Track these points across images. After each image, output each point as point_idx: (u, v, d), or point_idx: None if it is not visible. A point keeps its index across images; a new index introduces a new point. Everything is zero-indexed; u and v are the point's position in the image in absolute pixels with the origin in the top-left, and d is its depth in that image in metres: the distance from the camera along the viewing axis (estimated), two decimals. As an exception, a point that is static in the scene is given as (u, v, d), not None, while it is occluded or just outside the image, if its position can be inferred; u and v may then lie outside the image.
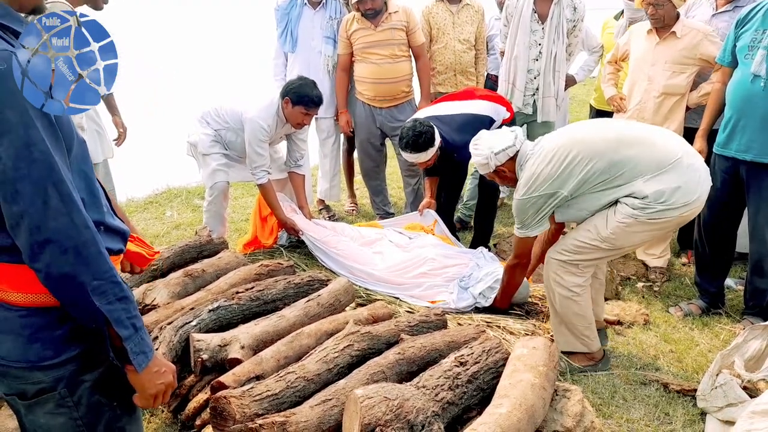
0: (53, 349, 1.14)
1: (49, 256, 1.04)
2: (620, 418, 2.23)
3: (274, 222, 3.66)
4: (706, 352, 2.71)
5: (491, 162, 2.58)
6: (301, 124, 3.46)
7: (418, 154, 3.26)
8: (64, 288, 1.08)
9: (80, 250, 1.06)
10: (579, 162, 2.34)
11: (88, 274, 1.07)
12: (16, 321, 1.12)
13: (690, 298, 3.21)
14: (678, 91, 3.23)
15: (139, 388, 1.20)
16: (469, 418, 1.98)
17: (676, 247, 3.81)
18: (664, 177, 2.28)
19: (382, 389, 1.80)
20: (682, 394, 2.37)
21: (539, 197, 2.43)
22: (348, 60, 3.98)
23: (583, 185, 2.37)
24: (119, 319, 1.12)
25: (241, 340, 2.18)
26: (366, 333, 2.21)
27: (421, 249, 3.34)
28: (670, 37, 3.19)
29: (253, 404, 1.82)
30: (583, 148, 2.35)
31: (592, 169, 2.34)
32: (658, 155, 2.31)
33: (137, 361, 1.15)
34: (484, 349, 2.13)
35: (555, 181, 2.38)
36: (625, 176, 2.32)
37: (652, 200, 2.27)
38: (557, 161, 2.37)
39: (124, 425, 1.26)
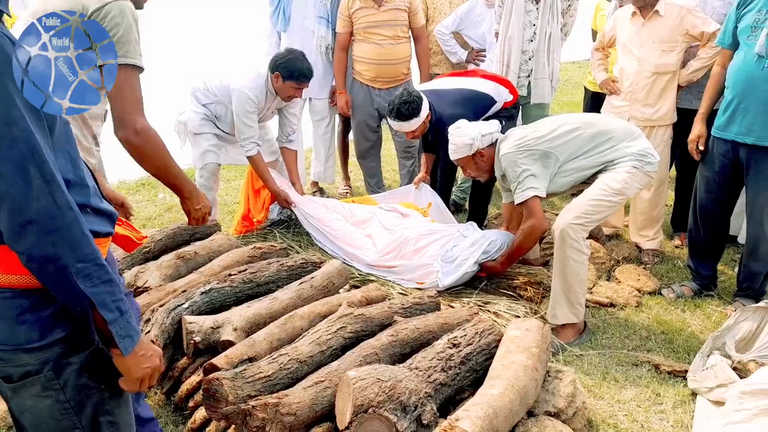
0: (39, 332, 1.12)
1: (31, 237, 1.01)
2: (612, 399, 2.25)
3: (267, 195, 3.61)
4: (698, 333, 2.73)
5: (476, 143, 2.75)
6: (292, 97, 3.40)
7: (401, 122, 3.23)
8: (47, 271, 1.05)
9: (63, 232, 1.03)
10: (566, 128, 2.64)
11: (72, 256, 1.05)
12: (1, 303, 1.10)
13: (682, 280, 3.22)
14: (669, 70, 3.22)
15: (125, 372, 1.19)
16: (461, 399, 1.99)
17: (669, 230, 3.82)
18: (635, 142, 2.68)
19: (374, 371, 1.81)
20: (673, 375, 2.39)
21: (532, 152, 2.62)
22: (347, 39, 3.88)
23: (574, 151, 2.63)
24: (104, 303, 1.10)
25: (233, 322, 2.17)
26: (359, 315, 2.21)
27: (405, 230, 3.29)
28: (655, 17, 3.17)
29: (246, 386, 1.82)
30: (565, 121, 2.68)
31: (580, 135, 2.63)
32: (626, 127, 2.75)
33: (123, 344, 1.14)
34: (477, 331, 2.13)
35: (545, 141, 2.62)
36: (610, 141, 2.64)
37: (640, 155, 2.61)
38: (544, 128, 2.66)
39: (112, 408, 1.24)
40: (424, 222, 3.42)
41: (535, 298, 2.90)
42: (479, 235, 3.09)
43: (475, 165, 2.84)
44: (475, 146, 2.76)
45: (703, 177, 2.96)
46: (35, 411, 1.17)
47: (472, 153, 2.78)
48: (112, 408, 1.25)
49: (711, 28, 3.08)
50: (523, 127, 2.79)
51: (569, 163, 2.68)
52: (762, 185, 2.71)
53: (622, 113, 3.33)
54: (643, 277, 3.18)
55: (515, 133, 2.75)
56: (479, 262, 2.96)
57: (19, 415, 1.22)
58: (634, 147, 2.64)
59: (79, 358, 1.17)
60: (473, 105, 3.37)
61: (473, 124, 2.84)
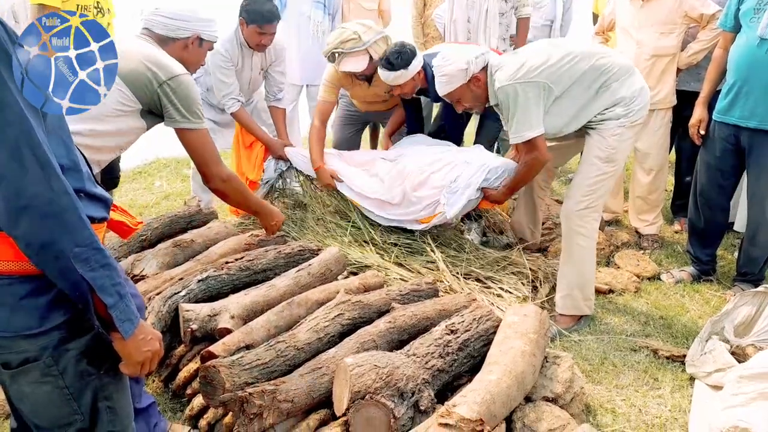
0: (38, 318, 1.11)
1: (28, 222, 1.01)
2: (610, 384, 2.25)
3: (260, 151, 3.46)
4: (696, 318, 2.72)
5: (471, 66, 2.49)
6: (261, 45, 3.18)
7: (389, 72, 2.97)
8: (45, 256, 1.05)
9: (60, 216, 1.03)
10: (564, 58, 2.44)
11: (70, 240, 1.04)
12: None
13: (682, 265, 3.21)
14: (668, 52, 3.18)
15: (126, 356, 1.19)
16: (459, 385, 1.99)
17: (669, 215, 3.80)
18: (631, 79, 2.50)
19: (371, 357, 1.80)
20: (671, 360, 2.39)
21: (530, 84, 2.41)
22: (330, 109, 3.45)
23: (568, 85, 2.45)
24: (103, 287, 1.09)
25: (230, 310, 2.16)
26: (357, 302, 2.20)
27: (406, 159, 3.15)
28: None
29: (243, 373, 1.81)
30: (565, 50, 2.47)
31: (577, 66, 2.44)
32: (621, 61, 2.54)
33: (123, 328, 1.13)
34: (475, 317, 2.13)
35: (544, 71, 2.41)
36: (604, 79, 2.46)
37: (629, 101, 2.47)
38: (544, 54, 2.45)
39: (110, 393, 1.24)
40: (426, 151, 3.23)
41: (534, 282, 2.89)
42: (481, 161, 2.98)
43: (471, 94, 2.58)
44: (470, 70, 2.50)
45: (704, 162, 2.94)
46: (34, 397, 1.17)
47: (468, 79, 2.52)
48: (111, 393, 1.25)
49: (710, 10, 3.04)
50: (517, 54, 2.58)
51: (561, 100, 2.49)
52: (764, 169, 2.69)
53: None
54: (643, 263, 3.17)
55: (509, 61, 2.52)
56: (481, 188, 2.91)
57: (18, 402, 1.22)
58: (625, 87, 2.48)
59: (78, 344, 1.16)
60: None
61: (455, 51, 2.59)
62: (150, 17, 2.05)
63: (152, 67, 1.87)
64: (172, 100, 1.90)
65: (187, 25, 2.08)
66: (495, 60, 2.57)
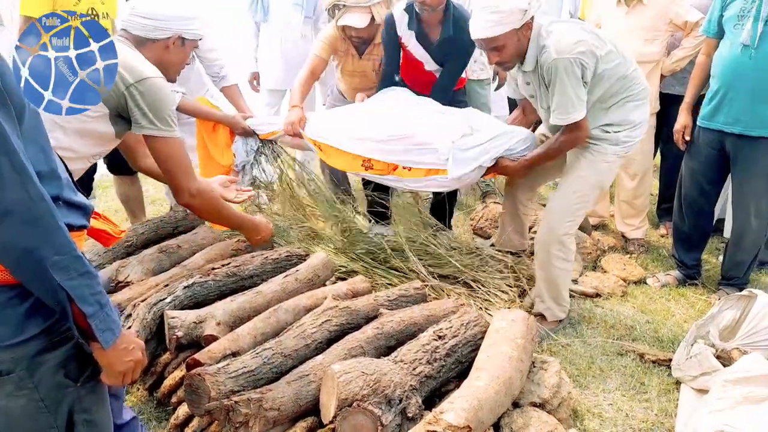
0: (13, 328, 1.08)
1: (7, 229, 0.99)
2: (597, 389, 2.26)
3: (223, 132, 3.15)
4: (682, 322, 2.74)
5: (531, 9, 2.16)
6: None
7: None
8: (24, 264, 1.03)
9: (39, 223, 1.01)
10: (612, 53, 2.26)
11: (48, 248, 1.02)
12: None
13: (667, 269, 3.24)
14: (652, 59, 3.21)
15: (107, 366, 1.17)
16: (447, 390, 1.98)
17: (655, 219, 3.84)
18: (642, 108, 2.42)
19: (359, 364, 1.79)
20: (657, 364, 2.40)
21: (579, 62, 2.18)
22: (321, 65, 3.22)
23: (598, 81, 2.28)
24: (82, 296, 1.07)
25: (216, 316, 2.14)
26: (344, 308, 2.19)
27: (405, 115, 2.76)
28: (638, 6, 3.17)
29: (229, 381, 1.79)
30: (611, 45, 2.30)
31: (617, 68, 2.28)
32: (645, 83, 2.42)
33: (103, 338, 1.11)
34: (463, 323, 2.12)
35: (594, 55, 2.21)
36: (625, 95, 2.34)
37: (634, 128, 2.39)
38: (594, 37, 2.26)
39: (89, 405, 1.22)
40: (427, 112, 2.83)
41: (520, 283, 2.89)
42: (502, 129, 2.65)
43: (517, 44, 2.21)
44: (529, 14, 2.15)
45: (689, 167, 2.97)
46: (8, 410, 1.14)
47: (521, 25, 2.17)
48: (89, 406, 1.22)
49: (694, 18, 3.08)
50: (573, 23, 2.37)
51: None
52: (748, 175, 2.72)
53: None
54: (629, 267, 3.19)
55: (562, 28, 2.25)
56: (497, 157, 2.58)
57: None
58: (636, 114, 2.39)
59: (55, 356, 1.14)
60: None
61: None
62: (127, 18, 1.91)
63: (119, 69, 1.68)
64: (139, 104, 1.77)
65: (166, 24, 1.94)
66: (543, 21, 2.28)
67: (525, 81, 2.42)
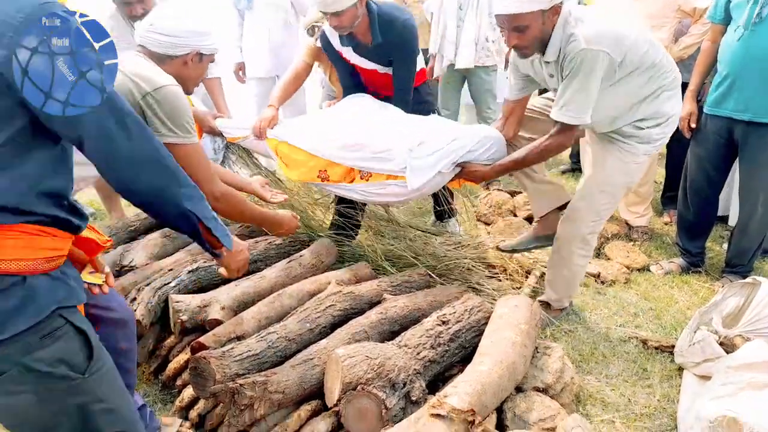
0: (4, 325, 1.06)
1: (147, 174, 1.20)
2: (599, 374, 2.26)
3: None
4: (685, 309, 2.74)
5: None
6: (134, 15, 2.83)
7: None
8: (164, 199, 1.24)
9: (167, 166, 1.23)
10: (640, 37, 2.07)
11: (177, 183, 1.25)
12: None
13: (671, 256, 3.23)
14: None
15: (227, 266, 1.59)
16: (451, 375, 1.99)
17: (659, 207, 3.82)
18: (675, 98, 2.22)
19: (363, 348, 1.80)
20: (660, 350, 2.40)
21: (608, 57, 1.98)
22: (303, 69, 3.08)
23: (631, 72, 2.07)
24: (206, 215, 1.32)
25: (221, 301, 2.15)
26: (348, 293, 2.19)
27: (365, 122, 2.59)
28: None
29: (234, 364, 1.80)
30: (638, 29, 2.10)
31: (647, 56, 2.07)
32: (677, 71, 2.21)
33: (227, 242, 1.41)
34: (467, 308, 2.13)
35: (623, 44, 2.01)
36: (661, 80, 2.13)
37: (667, 123, 2.21)
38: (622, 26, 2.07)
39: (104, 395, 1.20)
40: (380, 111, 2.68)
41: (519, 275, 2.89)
42: (461, 130, 2.45)
43: (541, 27, 2.01)
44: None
45: (695, 155, 2.95)
46: (11, 408, 1.12)
47: (550, 7, 1.97)
48: (104, 395, 1.21)
49: (703, 4, 3.04)
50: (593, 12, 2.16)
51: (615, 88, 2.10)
52: (757, 162, 2.70)
53: None
54: (633, 254, 3.19)
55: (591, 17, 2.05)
56: (459, 163, 2.34)
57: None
58: (670, 105, 2.19)
59: (50, 351, 1.11)
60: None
61: None
62: (144, 34, 1.89)
63: (135, 79, 1.75)
64: (156, 112, 1.76)
65: (184, 41, 1.90)
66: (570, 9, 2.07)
67: (548, 73, 2.18)
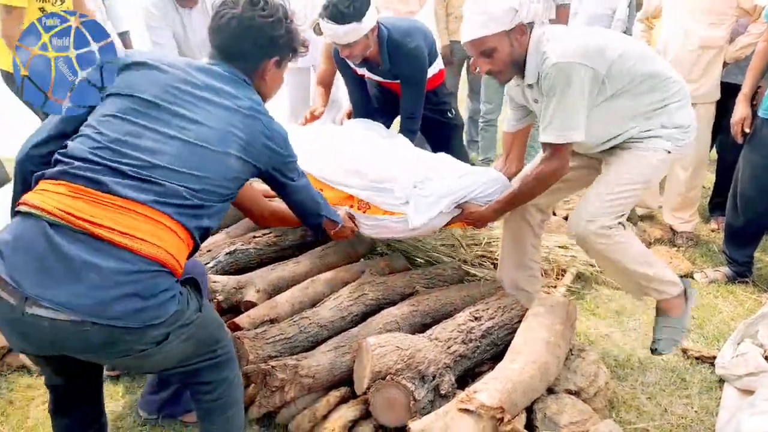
0: (165, 309, 1.21)
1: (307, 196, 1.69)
2: (635, 381, 2.20)
3: None
4: (729, 320, 2.64)
5: (522, 12, 1.84)
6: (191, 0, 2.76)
7: (335, 25, 2.36)
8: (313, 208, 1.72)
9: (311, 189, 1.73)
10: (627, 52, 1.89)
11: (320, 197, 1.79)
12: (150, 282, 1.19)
13: (716, 265, 3.12)
14: (716, 44, 3.05)
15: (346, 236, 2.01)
16: (481, 372, 1.97)
17: (706, 212, 3.69)
18: (686, 109, 2.01)
19: (394, 339, 1.80)
20: (701, 360, 2.32)
21: (589, 70, 1.82)
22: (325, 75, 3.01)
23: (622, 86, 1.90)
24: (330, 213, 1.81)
25: (256, 283, 2.18)
26: (381, 283, 2.20)
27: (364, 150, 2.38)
28: None
29: (267, 346, 1.83)
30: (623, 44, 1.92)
31: (636, 66, 1.89)
32: (683, 84, 2.02)
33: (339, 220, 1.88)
34: (500, 306, 2.10)
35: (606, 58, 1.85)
36: (664, 91, 1.94)
37: (684, 130, 1.99)
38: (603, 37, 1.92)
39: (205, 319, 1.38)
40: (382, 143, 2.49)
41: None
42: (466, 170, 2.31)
43: (509, 49, 1.88)
44: (521, 16, 1.84)
45: (749, 161, 2.82)
46: (169, 355, 1.29)
47: (512, 27, 1.85)
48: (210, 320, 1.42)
49: (765, 2, 2.90)
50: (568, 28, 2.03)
51: (608, 104, 1.93)
52: None
53: None
54: (676, 260, 3.08)
55: (563, 33, 1.92)
56: (460, 204, 2.17)
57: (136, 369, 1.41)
58: (681, 115, 1.98)
59: (192, 305, 1.30)
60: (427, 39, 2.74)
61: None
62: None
63: None
64: None
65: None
66: (543, 29, 1.94)
67: (533, 98, 2.04)
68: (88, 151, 1.19)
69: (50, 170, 1.21)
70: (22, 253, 1.12)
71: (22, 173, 1.33)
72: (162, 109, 1.26)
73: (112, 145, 1.20)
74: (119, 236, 1.15)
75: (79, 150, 1.19)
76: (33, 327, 1.13)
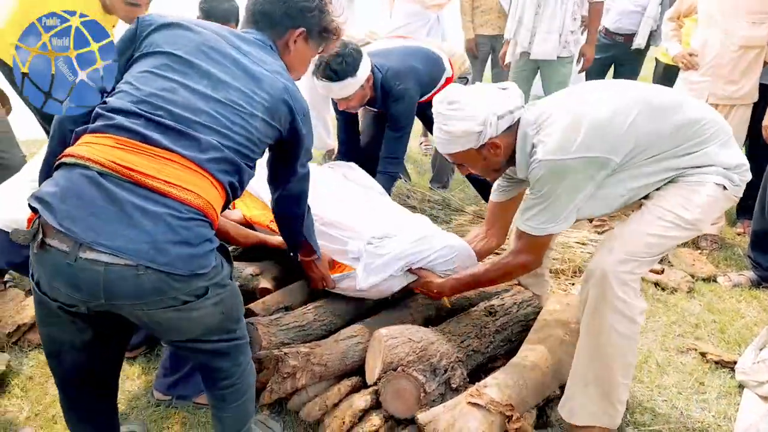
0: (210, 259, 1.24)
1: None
2: (651, 383, 2.17)
3: None
4: (752, 325, 2.58)
5: (488, 129, 1.63)
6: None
7: (330, 83, 2.38)
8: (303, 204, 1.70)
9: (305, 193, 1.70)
10: (632, 110, 1.61)
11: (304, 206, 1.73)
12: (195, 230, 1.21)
13: (741, 268, 3.04)
14: (759, 44, 2.95)
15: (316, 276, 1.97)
16: (494, 367, 1.96)
17: (732, 216, 3.60)
18: (730, 148, 1.71)
19: (407, 330, 1.80)
20: (720, 365, 2.27)
21: (585, 162, 1.57)
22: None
23: (642, 152, 1.63)
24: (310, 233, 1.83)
25: (272, 271, 2.19)
26: (396, 275, 2.19)
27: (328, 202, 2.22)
28: None
29: (280, 333, 1.84)
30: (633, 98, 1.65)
31: (660, 129, 1.62)
32: (722, 122, 1.71)
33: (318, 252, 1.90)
34: (516, 302, 2.09)
35: (608, 139, 1.59)
36: (699, 135, 1.65)
37: (734, 170, 1.68)
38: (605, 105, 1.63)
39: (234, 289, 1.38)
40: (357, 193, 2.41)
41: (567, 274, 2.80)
42: (426, 233, 2.08)
43: (483, 162, 1.73)
44: (486, 134, 1.64)
45: (778, 165, 2.74)
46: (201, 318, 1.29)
47: (481, 145, 1.67)
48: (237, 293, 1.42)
49: None
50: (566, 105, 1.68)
51: (631, 169, 1.65)
52: None
53: (701, 90, 3.09)
54: (699, 263, 3.02)
55: (559, 119, 1.62)
56: (410, 268, 2.00)
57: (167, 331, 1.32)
58: (727, 155, 1.68)
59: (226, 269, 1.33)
60: (426, 61, 2.74)
61: (477, 91, 1.69)
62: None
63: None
64: None
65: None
66: (533, 116, 1.68)
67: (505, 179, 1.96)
68: (128, 105, 1.21)
69: (93, 125, 1.22)
70: (73, 200, 1.13)
71: (61, 131, 1.36)
72: (194, 66, 1.29)
73: (149, 99, 1.22)
74: (166, 185, 1.17)
75: (120, 104, 1.22)
76: (86, 273, 1.12)
